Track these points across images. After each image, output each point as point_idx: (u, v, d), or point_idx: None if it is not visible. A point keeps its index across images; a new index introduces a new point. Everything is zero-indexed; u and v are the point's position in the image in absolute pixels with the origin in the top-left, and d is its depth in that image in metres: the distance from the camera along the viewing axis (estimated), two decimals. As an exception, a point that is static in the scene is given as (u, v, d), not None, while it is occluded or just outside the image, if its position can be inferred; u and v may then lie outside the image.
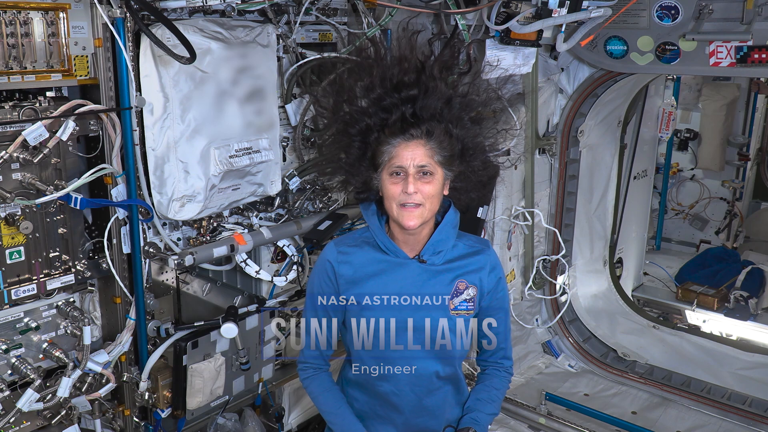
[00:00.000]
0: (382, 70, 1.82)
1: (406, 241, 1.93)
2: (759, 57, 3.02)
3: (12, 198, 1.98)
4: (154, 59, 2.18)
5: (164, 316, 2.66)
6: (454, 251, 1.96)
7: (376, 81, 1.81)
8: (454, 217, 1.96)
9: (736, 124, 6.73)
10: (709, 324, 5.36)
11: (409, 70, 1.80)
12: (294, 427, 2.91)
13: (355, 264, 1.94)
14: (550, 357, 4.36)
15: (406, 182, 1.78)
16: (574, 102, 3.91)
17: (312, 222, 2.79)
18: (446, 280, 1.93)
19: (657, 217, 6.91)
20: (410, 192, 1.78)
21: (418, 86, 1.78)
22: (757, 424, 3.67)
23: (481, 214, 3.05)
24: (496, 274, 2.00)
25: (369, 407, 2.04)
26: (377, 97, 1.81)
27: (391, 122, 1.79)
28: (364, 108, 1.83)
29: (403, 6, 2.88)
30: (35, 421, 2.25)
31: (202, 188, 2.34)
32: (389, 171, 1.81)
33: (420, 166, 1.78)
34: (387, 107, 1.79)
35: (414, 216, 1.81)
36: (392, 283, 1.92)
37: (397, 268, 1.92)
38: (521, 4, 2.90)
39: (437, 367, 1.96)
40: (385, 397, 1.99)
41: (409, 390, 1.97)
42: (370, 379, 1.99)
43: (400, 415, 2.00)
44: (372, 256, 1.94)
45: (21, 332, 2.15)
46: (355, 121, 1.84)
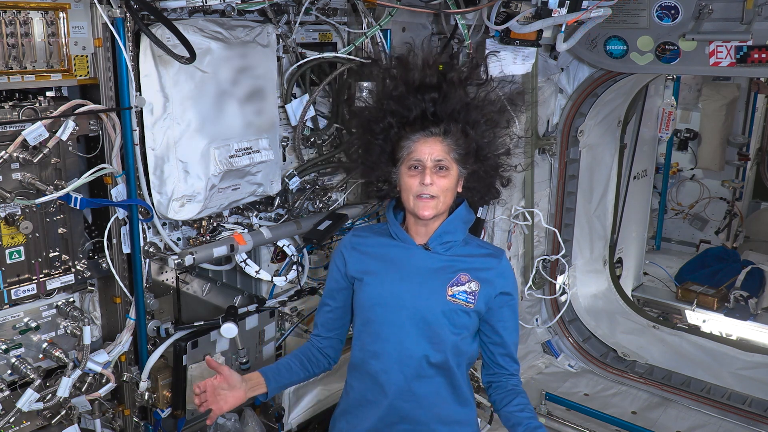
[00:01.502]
0: (406, 73, 1.99)
1: (418, 233, 2.04)
2: (759, 57, 3.02)
3: (12, 198, 1.98)
4: (154, 59, 2.18)
5: (164, 316, 2.66)
6: (464, 248, 2.05)
7: (399, 83, 1.99)
8: (465, 213, 2.06)
9: (736, 124, 6.74)
10: (709, 324, 5.37)
11: (431, 75, 1.96)
12: (294, 427, 2.91)
13: (365, 247, 2.10)
14: (550, 357, 4.36)
15: (424, 174, 1.92)
16: (574, 102, 3.92)
17: (312, 222, 2.79)
18: (449, 270, 2.01)
19: (657, 217, 6.92)
20: (427, 183, 1.91)
21: (439, 89, 1.95)
22: (757, 424, 3.68)
23: (481, 214, 3.06)
24: (506, 281, 2.05)
25: (360, 393, 2.09)
26: (400, 96, 1.97)
27: (412, 119, 1.96)
28: (388, 106, 1.98)
29: (403, 6, 2.87)
30: (35, 421, 2.25)
31: (201, 188, 2.34)
32: (408, 164, 1.95)
33: (437, 161, 1.92)
34: (409, 105, 1.96)
35: (429, 206, 1.94)
36: (394, 263, 2.04)
37: (402, 252, 2.05)
38: (521, 4, 2.90)
39: (427, 351, 1.99)
40: (374, 377, 2.04)
41: (398, 369, 2.00)
42: (365, 357, 2.06)
43: (385, 397, 2.03)
44: (382, 241, 2.09)
45: (21, 332, 2.15)
46: (379, 119, 2.00)
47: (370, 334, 2.04)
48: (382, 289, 2.02)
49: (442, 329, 1.98)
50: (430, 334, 1.98)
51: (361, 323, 2.08)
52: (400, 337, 1.99)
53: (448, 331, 1.98)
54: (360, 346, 2.08)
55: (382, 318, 2.01)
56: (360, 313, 2.08)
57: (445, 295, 1.98)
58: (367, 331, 2.05)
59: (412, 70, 1.99)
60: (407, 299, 1.99)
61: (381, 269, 2.04)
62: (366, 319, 2.05)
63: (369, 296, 2.04)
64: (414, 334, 1.99)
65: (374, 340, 2.03)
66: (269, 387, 2.05)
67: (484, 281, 2.00)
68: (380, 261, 2.05)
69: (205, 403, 1.93)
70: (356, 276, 2.08)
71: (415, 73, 1.97)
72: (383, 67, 2.08)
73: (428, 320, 1.98)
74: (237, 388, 1.97)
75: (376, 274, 2.04)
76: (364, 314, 2.06)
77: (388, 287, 2.01)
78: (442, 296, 1.98)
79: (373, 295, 2.03)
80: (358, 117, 2.13)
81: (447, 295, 1.98)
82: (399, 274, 2.02)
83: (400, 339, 1.99)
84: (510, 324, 2.06)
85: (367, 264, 2.07)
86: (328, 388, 2.98)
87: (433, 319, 1.97)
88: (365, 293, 2.05)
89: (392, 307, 2.00)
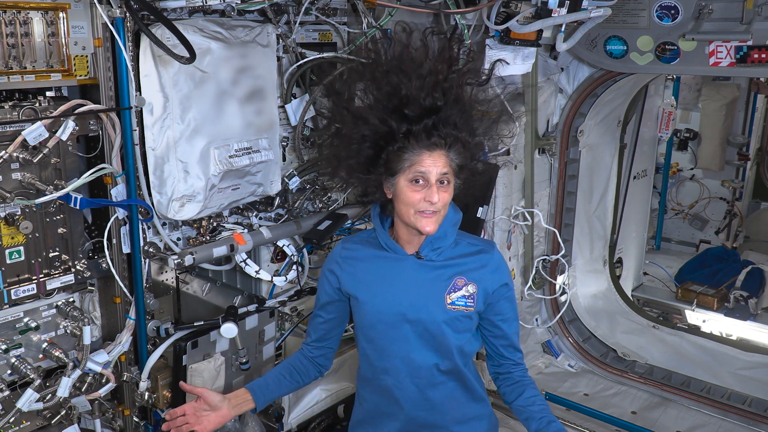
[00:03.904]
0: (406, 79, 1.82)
1: (410, 241, 1.98)
2: (759, 57, 3.02)
3: (12, 198, 1.98)
4: (153, 59, 2.18)
5: (164, 316, 2.66)
6: (455, 250, 2.00)
7: (400, 91, 1.82)
8: (454, 216, 1.99)
9: (736, 124, 6.74)
10: (709, 324, 5.37)
11: (433, 81, 1.81)
12: (294, 427, 2.91)
13: (357, 260, 2.03)
14: (550, 357, 4.36)
15: (431, 191, 1.81)
16: (574, 102, 3.92)
17: (312, 222, 2.79)
18: (444, 276, 1.97)
19: (657, 217, 6.91)
20: (434, 201, 1.81)
21: (441, 97, 1.82)
22: (757, 424, 3.68)
23: (481, 214, 3.05)
24: (501, 275, 2.01)
25: (375, 406, 2.08)
26: (401, 106, 1.82)
27: (416, 131, 1.80)
28: (389, 116, 1.83)
29: (403, 6, 2.87)
30: (35, 421, 2.25)
31: (201, 188, 2.34)
32: (409, 177, 1.83)
33: (442, 174, 1.83)
34: (412, 117, 1.81)
35: (432, 222, 1.86)
36: (388, 277, 1.98)
37: (395, 264, 1.99)
38: (521, 4, 2.90)
39: (436, 360, 1.98)
40: (388, 392, 2.02)
41: (410, 381, 1.99)
42: (375, 373, 2.03)
43: (401, 410, 2.03)
44: (373, 253, 2.02)
45: (21, 332, 2.15)
46: (378, 128, 1.84)
47: (375, 351, 2.01)
48: (381, 307, 1.97)
49: (446, 338, 1.96)
50: (436, 344, 1.96)
51: (364, 340, 2.04)
52: (407, 351, 1.97)
53: (452, 338, 1.96)
54: (368, 362, 2.05)
55: (385, 335, 1.98)
56: (362, 331, 2.04)
57: (444, 304, 1.95)
58: (372, 348, 2.02)
59: (412, 76, 1.82)
60: (408, 313, 1.95)
61: (377, 285, 1.99)
62: (369, 337, 2.02)
63: (369, 314, 1.99)
64: (420, 346, 1.97)
65: (381, 356, 2.01)
66: (257, 403, 2.05)
67: (480, 280, 1.97)
68: (374, 276, 1.99)
69: (187, 425, 1.95)
70: (352, 293, 2.03)
71: (416, 80, 1.81)
72: (381, 70, 1.87)
73: (432, 331, 1.95)
74: (219, 407, 1.97)
75: (373, 291, 1.99)
76: (366, 332, 2.02)
77: (387, 304, 1.97)
78: (442, 306, 1.95)
79: (373, 313, 1.99)
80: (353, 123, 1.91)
81: (446, 304, 1.95)
82: (396, 289, 1.96)
83: (407, 353, 1.97)
84: (509, 315, 2.04)
85: (362, 280, 2.01)
86: (327, 388, 2.98)
87: (437, 329, 1.95)
88: (365, 312, 2.00)
89: (394, 323, 1.96)
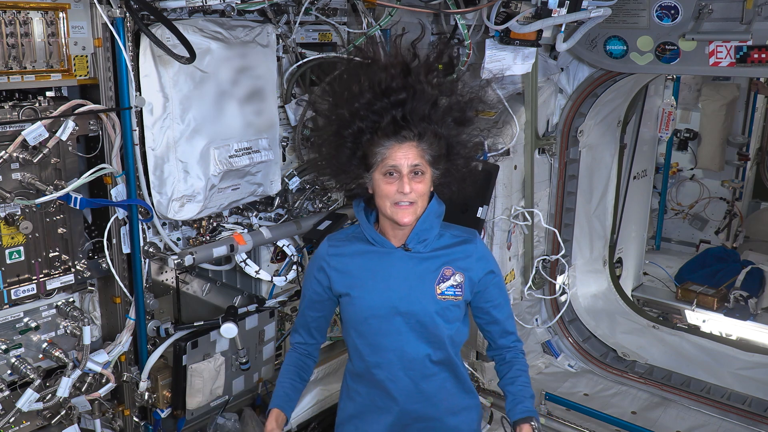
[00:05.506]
0: (371, 75, 1.89)
1: (395, 235, 2.01)
2: (759, 57, 3.01)
3: (12, 198, 1.98)
4: (153, 59, 2.18)
5: (164, 316, 2.66)
6: (440, 241, 2.04)
7: (365, 86, 1.88)
8: (437, 207, 2.03)
9: (736, 124, 6.73)
10: (709, 324, 5.36)
11: (396, 75, 1.87)
12: (294, 427, 2.91)
13: (345, 256, 2.05)
14: (550, 357, 4.35)
15: (402, 182, 1.87)
16: (574, 102, 3.91)
17: (312, 222, 2.79)
18: (432, 267, 2.00)
19: (657, 217, 6.91)
20: (406, 192, 1.87)
21: (406, 90, 1.86)
22: (757, 424, 3.67)
23: (480, 214, 3.05)
24: (486, 263, 2.06)
25: (369, 399, 2.09)
26: (367, 102, 1.88)
27: (383, 125, 1.86)
28: (357, 111, 1.89)
29: (403, 6, 2.87)
30: (35, 421, 2.25)
31: (201, 188, 2.34)
32: (383, 171, 1.89)
33: (413, 166, 1.87)
34: (378, 111, 1.87)
35: (408, 213, 1.90)
36: (379, 272, 2.00)
37: (383, 257, 2.01)
38: (521, 4, 2.90)
39: (428, 351, 2.00)
40: (382, 386, 2.04)
41: (403, 374, 2.01)
42: (367, 368, 2.05)
43: (396, 403, 2.04)
44: (360, 248, 2.04)
45: (21, 332, 2.15)
46: (348, 124, 1.91)
47: (368, 346, 2.03)
48: (372, 301, 1.99)
49: (438, 328, 1.99)
50: (428, 335, 1.99)
51: (356, 335, 2.05)
52: (400, 344, 1.99)
53: (444, 328, 2.00)
54: (360, 357, 2.06)
55: (377, 329, 2.00)
56: (353, 326, 2.05)
57: (434, 295, 1.98)
58: (364, 343, 2.03)
59: (377, 70, 1.88)
60: (399, 306, 1.98)
61: (366, 280, 2.00)
62: (361, 332, 2.03)
63: (361, 310, 2.01)
64: (413, 338, 1.99)
65: (374, 351, 2.02)
66: (288, 416, 2.11)
67: (466, 270, 2.01)
68: (363, 271, 2.01)
69: None
70: (342, 291, 2.04)
71: (381, 73, 1.87)
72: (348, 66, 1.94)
73: (424, 322, 1.98)
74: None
75: (363, 286, 2.00)
76: (357, 327, 2.04)
77: (378, 298, 1.99)
78: (432, 296, 1.98)
79: (365, 308, 2.00)
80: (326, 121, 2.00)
81: (436, 294, 1.98)
82: (386, 283, 1.99)
83: (400, 345, 1.99)
84: (499, 300, 2.09)
85: (351, 277, 2.03)
86: (327, 388, 2.98)
87: (428, 320, 1.98)
88: (356, 307, 2.01)
89: (386, 317, 1.99)
